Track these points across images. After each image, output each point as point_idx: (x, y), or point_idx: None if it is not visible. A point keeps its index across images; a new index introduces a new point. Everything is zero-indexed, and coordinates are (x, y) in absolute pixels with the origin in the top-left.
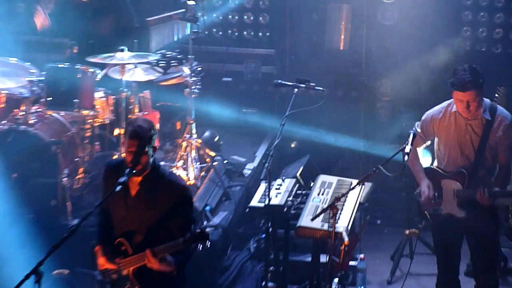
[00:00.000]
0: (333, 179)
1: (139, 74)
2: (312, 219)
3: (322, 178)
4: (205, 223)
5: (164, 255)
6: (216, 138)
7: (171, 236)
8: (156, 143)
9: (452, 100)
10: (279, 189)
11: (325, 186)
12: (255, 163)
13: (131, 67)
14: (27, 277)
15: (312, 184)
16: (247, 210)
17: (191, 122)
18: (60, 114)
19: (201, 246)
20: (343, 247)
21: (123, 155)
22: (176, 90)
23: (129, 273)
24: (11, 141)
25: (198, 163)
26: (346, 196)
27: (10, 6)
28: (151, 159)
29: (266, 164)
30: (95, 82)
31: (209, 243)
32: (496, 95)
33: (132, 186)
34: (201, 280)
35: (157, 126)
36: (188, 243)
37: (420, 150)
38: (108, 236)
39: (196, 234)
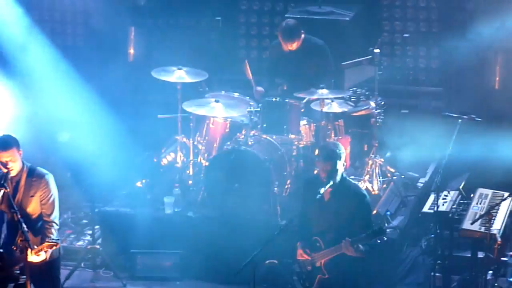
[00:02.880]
0: (489, 192)
1: (335, 107)
2: (472, 223)
3: (480, 190)
4: (386, 225)
5: (358, 244)
6: (395, 158)
7: (355, 234)
8: (346, 161)
9: None
10: (445, 199)
11: (482, 197)
12: (426, 178)
13: (328, 101)
14: (244, 265)
15: (472, 195)
16: (419, 215)
17: (376, 145)
18: (273, 138)
19: (379, 240)
20: (496, 245)
21: (315, 171)
22: (364, 119)
23: (321, 265)
24: (234, 158)
25: (381, 177)
26: (499, 205)
27: None
28: (340, 174)
29: (435, 179)
30: (300, 112)
31: (386, 238)
32: None
33: (325, 194)
34: (383, 269)
35: (349, 148)
36: (370, 236)
37: None
38: (307, 234)
39: (376, 230)
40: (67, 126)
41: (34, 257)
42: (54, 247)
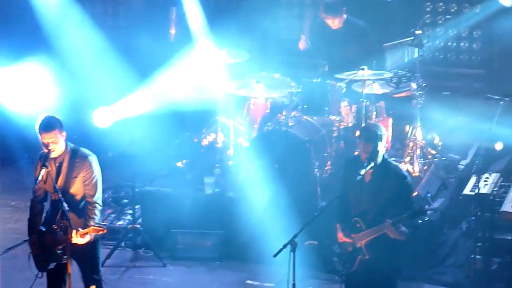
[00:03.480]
0: None
1: (376, 88)
2: None
3: None
4: (426, 206)
5: (399, 225)
6: (436, 140)
7: (395, 215)
8: (387, 143)
9: None
10: (486, 181)
11: None
12: (467, 160)
13: (370, 82)
14: (284, 246)
15: None
16: (460, 197)
17: (417, 126)
18: (313, 118)
19: (420, 220)
20: None
21: (356, 152)
22: (405, 101)
23: (361, 246)
24: (275, 139)
25: (422, 159)
26: None
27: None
28: (381, 155)
29: (477, 161)
30: (341, 93)
31: (426, 218)
32: None
33: (366, 175)
34: (423, 251)
35: (390, 129)
36: (411, 217)
37: None
38: (346, 216)
39: (417, 210)
40: (107, 106)
41: (79, 239)
42: (101, 232)
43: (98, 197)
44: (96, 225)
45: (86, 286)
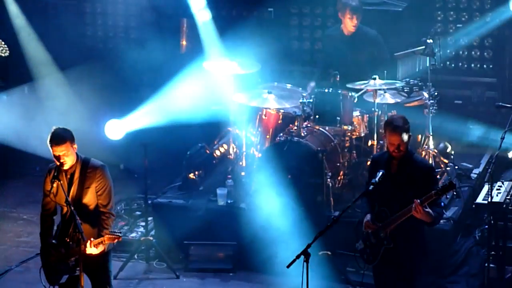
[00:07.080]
0: None
1: (388, 97)
2: None
3: None
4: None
5: (425, 205)
6: (449, 149)
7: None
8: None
9: None
10: (499, 189)
11: None
12: (480, 169)
13: (381, 92)
14: (297, 257)
15: None
16: (473, 206)
17: (429, 135)
18: (325, 129)
19: (448, 196)
20: None
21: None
22: (417, 110)
23: (387, 234)
24: (287, 149)
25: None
26: None
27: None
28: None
29: (489, 170)
30: (353, 103)
31: (455, 193)
32: None
33: (392, 166)
34: (436, 260)
35: None
36: (440, 192)
37: None
38: (372, 206)
39: (446, 185)
40: (119, 118)
41: (93, 249)
42: (116, 240)
43: (112, 207)
44: (111, 233)
45: None
